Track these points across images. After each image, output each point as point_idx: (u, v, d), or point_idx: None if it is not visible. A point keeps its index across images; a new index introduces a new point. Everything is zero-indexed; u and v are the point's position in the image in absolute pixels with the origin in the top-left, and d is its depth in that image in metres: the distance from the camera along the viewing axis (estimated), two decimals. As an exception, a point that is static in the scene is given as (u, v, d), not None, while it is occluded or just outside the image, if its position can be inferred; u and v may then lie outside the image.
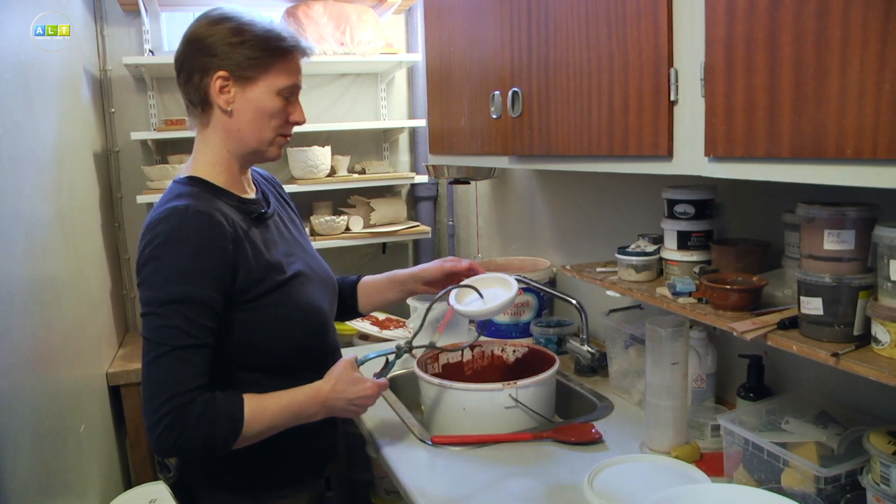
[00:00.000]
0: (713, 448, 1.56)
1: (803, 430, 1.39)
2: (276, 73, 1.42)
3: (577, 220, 2.43)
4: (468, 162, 2.19)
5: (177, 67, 1.46)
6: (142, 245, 1.34)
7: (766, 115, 1.02)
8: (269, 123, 1.44)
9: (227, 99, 1.41)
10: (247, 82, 1.40)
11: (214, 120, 1.44)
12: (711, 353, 1.72)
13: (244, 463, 1.46)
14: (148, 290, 1.32)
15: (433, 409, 1.82)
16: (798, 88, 0.97)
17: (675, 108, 1.23)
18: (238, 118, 1.42)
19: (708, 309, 1.42)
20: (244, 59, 1.39)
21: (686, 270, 1.62)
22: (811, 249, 1.20)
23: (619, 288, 1.70)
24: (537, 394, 1.76)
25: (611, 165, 1.44)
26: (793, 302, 1.31)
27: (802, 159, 0.98)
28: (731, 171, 1.13)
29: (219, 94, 1.40)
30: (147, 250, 1.33)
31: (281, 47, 1.42)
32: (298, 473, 1.55)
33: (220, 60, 1.38)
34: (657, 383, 1.58)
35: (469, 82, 2.01)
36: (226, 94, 1.40)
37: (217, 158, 1.47)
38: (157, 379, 1.29)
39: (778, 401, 1.52)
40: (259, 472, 1.49)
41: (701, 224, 1.61)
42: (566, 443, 1.67)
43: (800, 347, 1.18)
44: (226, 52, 1.38)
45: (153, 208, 1.40)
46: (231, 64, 1.39)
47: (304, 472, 1.57)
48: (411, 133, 3.63)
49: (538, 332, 2.35)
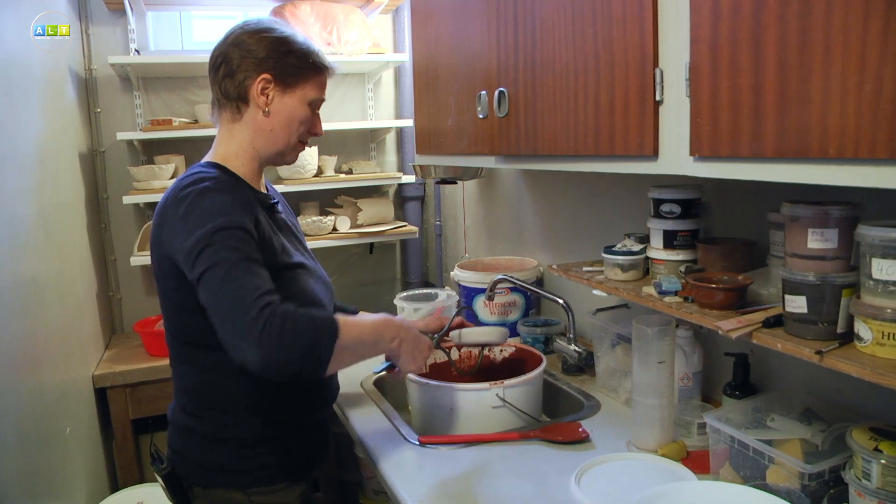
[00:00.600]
0: (700, 446, 1.57)
1: (788, 427, 1.40)
2: (312, 85, 1.56)
3: (564, 220, 2.44)
4: (455, 162, 2.19)
5: (215, 63, 1.55)
6: (175, 207, 1.40)
7: (751, 114, 1.03)
8: (298, 129, 1.57)
9: (266, 100, 1.52)
10: (286, 88, 1.53)
11: (248, 117, 1.54)
12: (698, 352, 1.73)
13: (236, 456, 1.51)
14: (192, 231, 1.36)
15: (421, 409, 1.82)
16: (782, 88, 0.98)
17: (661, 108, 1.24)
18: (273, 119, 1.54)
19: (694, 307, 1.43)
20: (290, 66, 1.52)
21: (672, 269, 1.63)
22: (795, 248, 1.21)
23: (605, 287, 1.70)
24: (525, 393, 1.77)
25: (597, 165, 1.44)
26: (778, 300, 1.32)
27: (787, 159, 0.99)
28: (716, 170, 1.13)
29: (259, 95, 1.51)
30: (182, 207, 1.39)
31: (319, 63, 1.57)
32: (289, 469, 1.57)
33: (266, 64, 1.50)
34: (644, 382, 1.59)
35: (456, 82, 2.01)
36: (265, 96, 1.52)
37: (241, 151, 1.56)
38: (237, 287, 1.30)
39: (763, 398, 1.53)
40: (250, 465, 1.52)
41: (687, 223, 1.62)
42: (553, 442, 1.67)
43: (784, 345, 1.19)
44: (274, 58, 1.51)
45: (175, 183, 1.46)
46: (277, 69, 1.51)
47: (295, 468, 1.59)
48: (398, 133, 3.63)
49: (525, 332, 2.35)
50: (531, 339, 2.32)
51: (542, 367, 1.84)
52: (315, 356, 1.34)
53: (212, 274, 1.32)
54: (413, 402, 1.85)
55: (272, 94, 1.52)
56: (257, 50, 1.50)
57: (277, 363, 1.29)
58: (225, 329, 1.30)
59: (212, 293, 1.32)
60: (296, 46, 1.53)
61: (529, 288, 2.30)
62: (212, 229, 1.35)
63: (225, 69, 1.52)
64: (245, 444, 1.51)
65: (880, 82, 0.85)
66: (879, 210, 1.18)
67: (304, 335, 1.31)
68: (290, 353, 1.30)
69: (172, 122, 3.00)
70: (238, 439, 1.51)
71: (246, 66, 1.51)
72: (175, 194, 1.43)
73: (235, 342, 1.29)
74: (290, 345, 1.29)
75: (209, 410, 1.53)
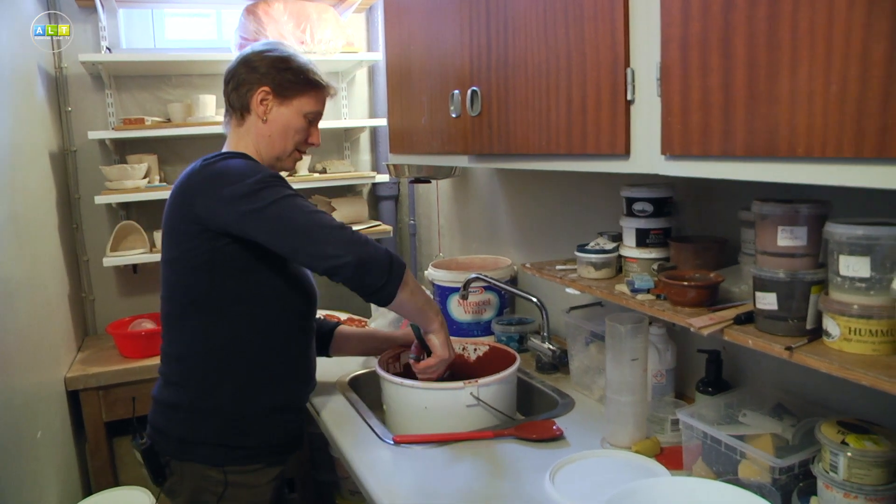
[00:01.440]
0: (673, 442, 1.58)
1: (760, 422, 1.41)
2: (308, 98, 1.74)
3: (538, 219, 2.44)
4: (428, 161, 2.19)
5: (227, 79, 1.76)
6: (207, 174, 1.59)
7: (721, 114, 1.03)
8: (293, 137, 1.75)
9: (265, 110, 1.71)
10: (283, 100, 1.72)
11: (249, 124, 1.74)
12: (671, 349, 1.74)
13: (216, 432, 1.64)
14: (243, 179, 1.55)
15: (395, 408, 1.82)
16: (751, 88, 0.98)
17: (632, 108, 1.24)
18: (270, 126, 1.73)
19: (666, 305, 1.44)
20: (286, 81, 1.71)
21: (645, 267, 1.63)
22: (765, 246, 1.22)
23: (578, 285, 1.71)
24: (499, 392, 1.77)
25: (569, 164, 1.45)
26: (749, 297, 1.32)
27: (756, 158, 1.00)
28: (687, 169, 1.14)
29: (259, 105, 1.71)
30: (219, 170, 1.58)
31: (314, 80, 1.75)
32: (263, 451, 1.69)
33: (266, 78, 1.70)
34: (617, 379, 1.59)
35: (429, 81, 2.01)
36: (264, 106, 1.71)
37: (248, 151, 1.73)
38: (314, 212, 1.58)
39: (736, 394, 1.54)
40: (230, 443, 1.65)
41: (659, 221, 1.63)
42: (528, 440, 1.67)
43: (755, 342, 1.20)
44: (273, 73, 1.71)
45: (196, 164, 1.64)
46: (274, 83, 1.71)
47: (269, 452, 1.70)
48: (372, 132, 3.62)
49: (499, 331, 2.35)
50: (505, 337, 2.32)
51: (517, 366, 1.84)
52: (395, 270, 1.59)
53: (283, 205, 1.54)
54: (387, 402, 1.85)
55: (270, 105, 1.71)
56: (260, 66, 1.71)
57: (371, 260, 1.54)
58: (311, 243, 1.53)
59: (285, 220, 1.53)
60: (294, 64, 1.73)
61: (503, 287, 2.30)
62: (267, 176, 1.57)
63: (233, 83, 1.73)
64: (226, 417, 1.64)
65: (845, 83, 0.85)
66: (846, 208, 1.19)
67: (384, 251, 1.59)
68: (378, 256, 1.57)
69: (145, 121, 2.97)
70: (220, 411, 1.64)
71: (250, 80, 1.71)
72: (204, 167, 1.60)
73: (327, 251, 1.52)
74: (376, 252, 1.57)
75: (193, 378, 1.66)
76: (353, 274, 1.54)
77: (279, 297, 1.69)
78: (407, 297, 1.64)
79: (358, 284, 1.57)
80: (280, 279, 1.68)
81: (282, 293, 1.69)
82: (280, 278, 1.68)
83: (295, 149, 1.77)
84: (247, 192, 1.53)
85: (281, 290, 1.69)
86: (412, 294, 1.66)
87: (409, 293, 1.65)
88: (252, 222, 1.54)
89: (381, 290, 1.59)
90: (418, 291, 1.70)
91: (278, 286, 1.68)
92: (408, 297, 1.64)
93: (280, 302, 1.69)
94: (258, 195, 1.53)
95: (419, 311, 1.72)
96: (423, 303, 1.72)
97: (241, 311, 1.65)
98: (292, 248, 1.55)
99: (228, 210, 1.54)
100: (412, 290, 1.66)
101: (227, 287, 1.63)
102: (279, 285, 1.68)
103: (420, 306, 1.71)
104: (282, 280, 1.68)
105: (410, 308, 1.69)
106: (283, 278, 1.68)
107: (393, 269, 1.59)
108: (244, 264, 1.61)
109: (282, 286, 1.69)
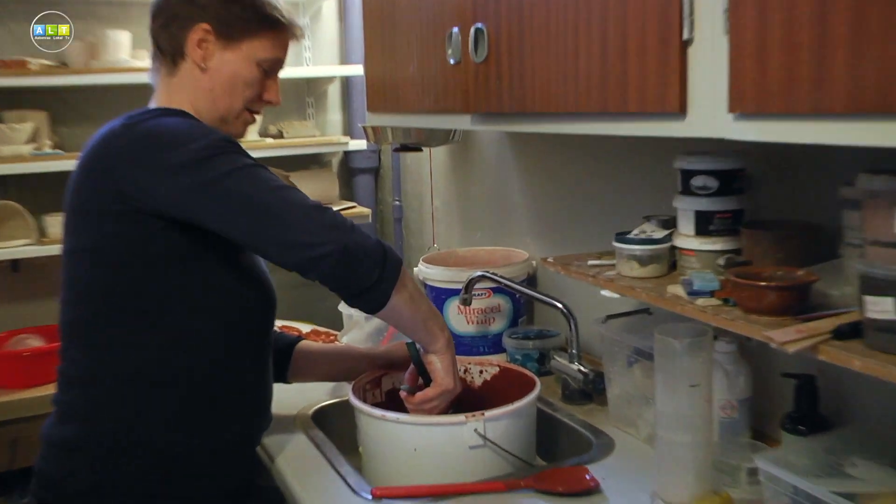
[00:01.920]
0: (750, 498, 1.56)
1: (876, 475, 1.38)
2: (262, 41, 1.69)
3: (563, 199, 2.45)
4: (419, 123, 2.21)
5: (154, 11, 1.70)
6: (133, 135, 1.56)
7: (813, 56, 1.01)
8: (242, 93, 1.71)
9: (205, 55, 1.66)
10: (229, 42, 1.67)
11: (183, 73, 1.69)
12: (744, 373, 1.73)
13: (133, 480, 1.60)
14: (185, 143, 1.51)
15: (374, 450, 1.81)
16: (857, 19, 0.95)
17: (690, 50, 1.22)
18: (211, 77, 1.68)
19: (737, 313, 1.42)
20: (233, 16, 1.66)
21: (707, 262, 1.62)
22: (878, 234, 1.20)
23: (618, 287, 1.70)
24: (512, 428, 1.76)
25: (605, 126, 1.44)
26: (853, 303, 1.31)
27: (863, 115, 0.97)
28: (766, 132, 1.12)
29: (196, 48, 1.66)
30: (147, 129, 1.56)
31: (274, 17, 1.70)
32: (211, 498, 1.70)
33: (207, 12, 1.65)
34: (671, 412, 1.57)
35: (419, 16, 2.01)
36: (203, 49, 1.66)
37: (184, 108, 1.68)
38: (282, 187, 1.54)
39: (839, 436, 1.52)
40: (151, 492, 1.62)
41: (727, 202, 1.62)
42: (552, 493, 1.66)
43: (864, 363, 1.17)
44: (215, 5, 1.65)
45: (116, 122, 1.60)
46: (217, 18, 1.65)
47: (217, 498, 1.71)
48: (344, 84, 3.63)
49: (513, 347, 2.35)
50: (521, 356, 2.32)
51: (536, 394, 1.82)
52: (390, 266, 1.56)
53: (240, 177, 1.51)
54: (364, 441, 1.84)
55: (212, 48, 1.66)
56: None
57: (359, 250, 1.52)
58: (279, 227, 1.50)
59: (244, 198, 1.50)
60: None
61: (518, 288, 2.30)
62: (218, 139, 1.54)
63: (162, 18, 1.68)
64: (150, 459, 1.60)
65: None
66: None
67: (375, 240, 1.58)
68: (368, 246, 1.54)
69: (28, 65, 2.94)
70: (142, 450, 1.60)
71: (184, 13, 1.65)
72: (128, 127, 1.57)
73: (301, 239, 1.49)
74: (365, 241, 1.54)
75: (106, 408, 1.61)
76: (336, 269, 1.51)
77: (227, 301, 1.67)
78: (404, 302, 1.62)
79: (341, 282, 1.55)
80: (230, 276, 1.66)
81: (231, 295, 1.67)
82: (230, 275, 1.66)
83: (245, 108, 1.73)
84: (191, 160, 1.50)
85: (229, 290, 1.67)
86: (412, 300, 1.64)
87: (408, 298, 1.62)
88: (198, 200, 1.51)
89: (370, 290, 1.55)
90: (419, 297, 1.68)
91: (226, 285, 1.66)
92: (405, 304, 1.62)
93: (228, 307, 1.67)
94: (207, 165, 1.50)
95: (420, 323, 1.69)
96: (426, 313, 1.70)
97: (176, 319, 1.61)
98: (253, 235, 1.54)
99: (166, 184, 1.51)
100: (412, 294, 1.64)
101: (158, 287, 1.59)
102: (228, 284, 1.66)
103: (422, 317, 1.69)
104: (232, 278, 1.66)
105: (408, 318, 1.67)
106: (233, 275, 1.66)
107: (387, 264, 1.57)
108: (183, 256, 1.58)
109: (231, 286, 1.67)
